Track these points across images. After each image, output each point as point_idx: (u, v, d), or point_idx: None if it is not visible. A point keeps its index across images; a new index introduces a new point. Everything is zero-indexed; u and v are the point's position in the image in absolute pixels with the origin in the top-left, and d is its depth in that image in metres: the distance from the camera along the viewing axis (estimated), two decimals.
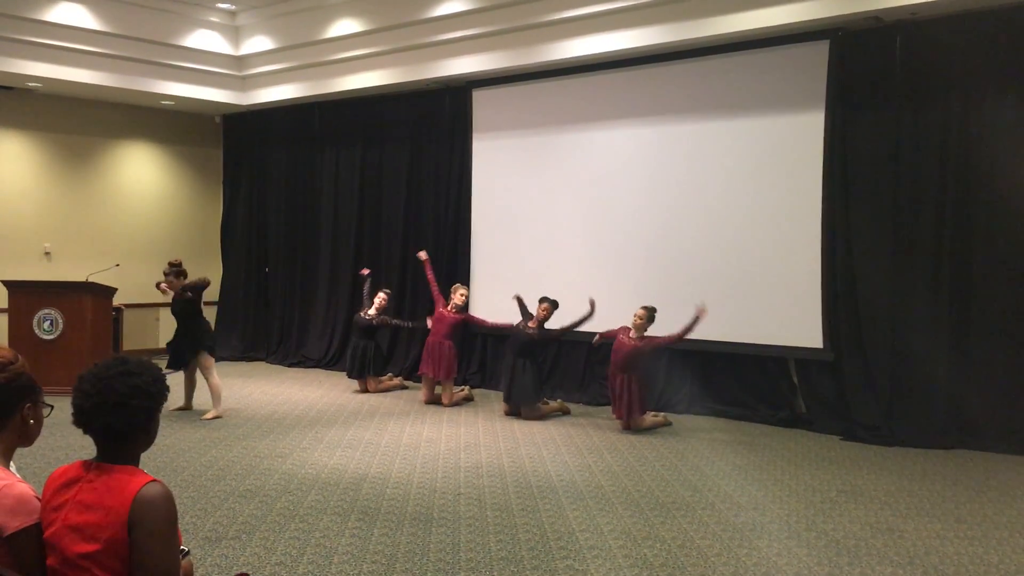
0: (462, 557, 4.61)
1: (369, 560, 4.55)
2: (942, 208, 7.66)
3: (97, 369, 2.36)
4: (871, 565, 4.58)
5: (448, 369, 9.38)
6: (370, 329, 10.00)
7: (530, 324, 8.88)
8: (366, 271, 10.40)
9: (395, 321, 10.23)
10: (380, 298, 10.09)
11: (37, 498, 2.37)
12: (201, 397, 8.73)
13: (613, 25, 8.99)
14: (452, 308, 9.51)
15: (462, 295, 9.60)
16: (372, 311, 10.01)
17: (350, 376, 10.15)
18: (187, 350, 8.47)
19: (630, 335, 8.20)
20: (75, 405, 2.34)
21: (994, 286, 7.45)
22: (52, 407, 2.60)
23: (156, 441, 2.49)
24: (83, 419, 2.34)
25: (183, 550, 2.51)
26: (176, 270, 8.54)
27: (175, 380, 8.52)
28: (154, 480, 2.31)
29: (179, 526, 2.25)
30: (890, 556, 4.73)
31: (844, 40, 8.04)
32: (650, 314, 8.19)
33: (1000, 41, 7.38)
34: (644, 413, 8.14)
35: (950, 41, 7.59)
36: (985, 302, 7.50)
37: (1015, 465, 6.85)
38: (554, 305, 8.82)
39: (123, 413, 2.31)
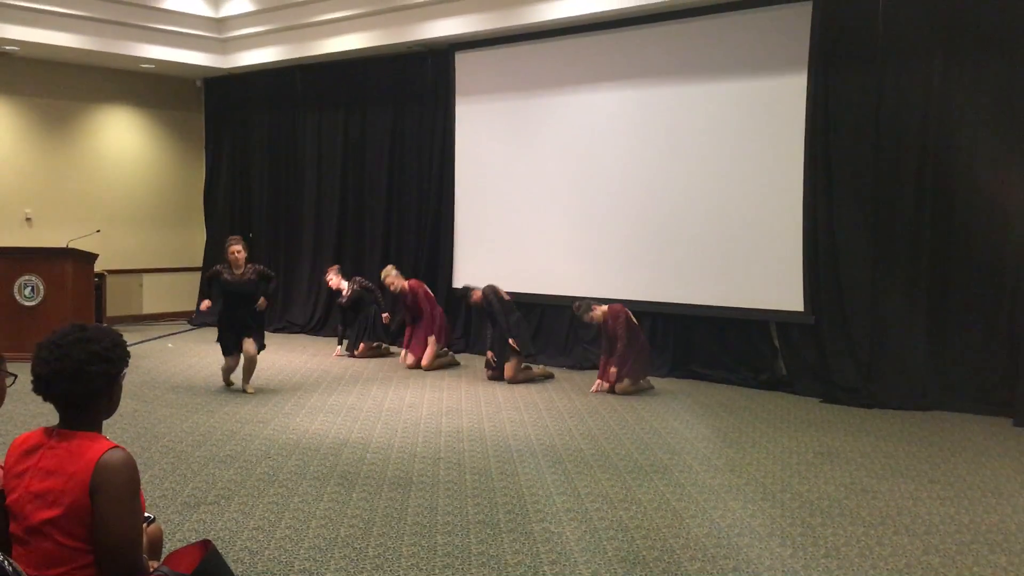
0: (439, 520, 4.64)
1: (347, 524, 4.58)
2: (923, 170, 7.66)
3: (55, 336, 2.36)
4: (843, 525, 4.63)
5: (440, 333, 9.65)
6: (356, 306, 10.26)
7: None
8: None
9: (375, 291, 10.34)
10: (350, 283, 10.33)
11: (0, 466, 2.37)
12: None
13: None
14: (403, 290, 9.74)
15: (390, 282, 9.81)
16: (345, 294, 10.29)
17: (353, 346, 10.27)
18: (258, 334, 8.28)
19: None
20: (34, 372, 2.34)
21: (973, 250, 7.47)
22: (16, 376, 2.59)
23: (137, 408, 2.49)
24: (42, 386, 2.34)
25: (147, 516, 2.53)
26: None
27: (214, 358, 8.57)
28: (116, 446, 2.32)
29: (158, 492, 2.27)
30: (863, 516, 4.78)
31: (827, 0, 7.98)
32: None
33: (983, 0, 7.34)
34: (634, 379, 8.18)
35: (933, 0, 7.54)
36: (963, 266, 7.53)
37: (991, 426, 6.92)
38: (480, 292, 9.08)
39: (82, 379, 2.31)
